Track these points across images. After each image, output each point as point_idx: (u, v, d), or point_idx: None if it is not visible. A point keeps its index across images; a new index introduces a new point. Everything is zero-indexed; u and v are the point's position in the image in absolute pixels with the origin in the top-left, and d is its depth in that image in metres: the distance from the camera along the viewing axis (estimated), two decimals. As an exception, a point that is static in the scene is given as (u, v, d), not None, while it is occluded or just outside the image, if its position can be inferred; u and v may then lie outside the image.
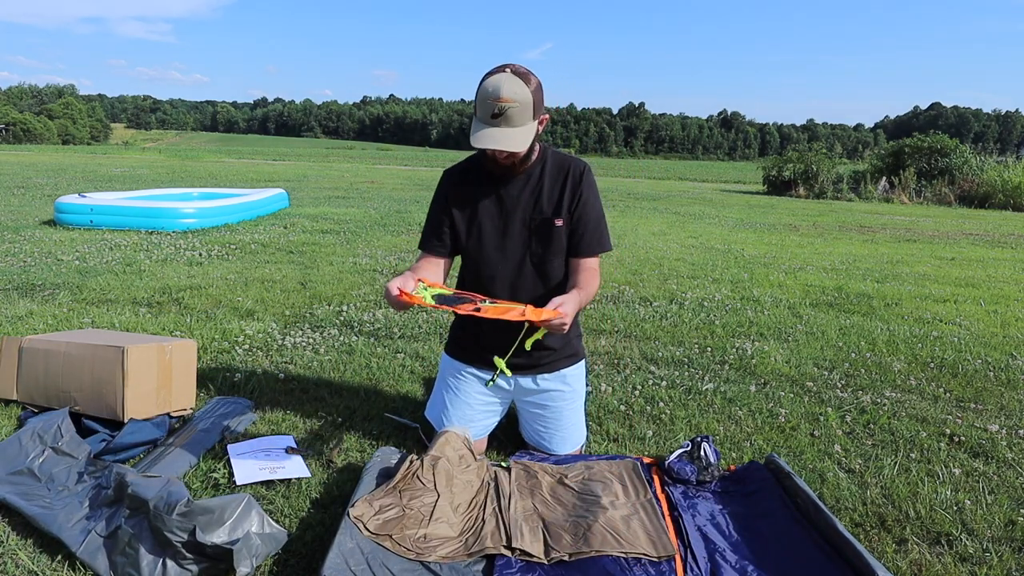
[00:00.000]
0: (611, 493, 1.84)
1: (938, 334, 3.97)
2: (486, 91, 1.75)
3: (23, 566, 1.55)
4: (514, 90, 1.74)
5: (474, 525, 1.68)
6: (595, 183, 2.01)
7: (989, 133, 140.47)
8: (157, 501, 1.54)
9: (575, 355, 2.19)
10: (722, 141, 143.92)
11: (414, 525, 1.62)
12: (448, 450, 1.87)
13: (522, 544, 1.57)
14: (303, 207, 9.83)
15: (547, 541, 1.62)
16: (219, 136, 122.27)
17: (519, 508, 1.74)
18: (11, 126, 62.10)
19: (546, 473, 1.95)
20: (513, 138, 1.77)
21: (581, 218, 1.98)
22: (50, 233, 6.46)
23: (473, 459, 1.92)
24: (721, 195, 17.52)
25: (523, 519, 1.70)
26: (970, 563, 1.71)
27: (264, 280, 4.73)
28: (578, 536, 1.64)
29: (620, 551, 1.57)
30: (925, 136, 19.52)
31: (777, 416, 2.63)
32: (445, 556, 1.55)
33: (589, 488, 1.87)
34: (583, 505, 1.78)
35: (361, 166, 28.93)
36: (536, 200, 1.97)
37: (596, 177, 2.04)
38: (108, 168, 18.88)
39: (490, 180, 1.98)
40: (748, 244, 7.78)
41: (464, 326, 2.17)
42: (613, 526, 1.67)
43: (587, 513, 1.73)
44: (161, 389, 2.31)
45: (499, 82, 1.74)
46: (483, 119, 1.78)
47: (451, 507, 1.70)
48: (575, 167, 1.98)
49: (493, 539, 1.61)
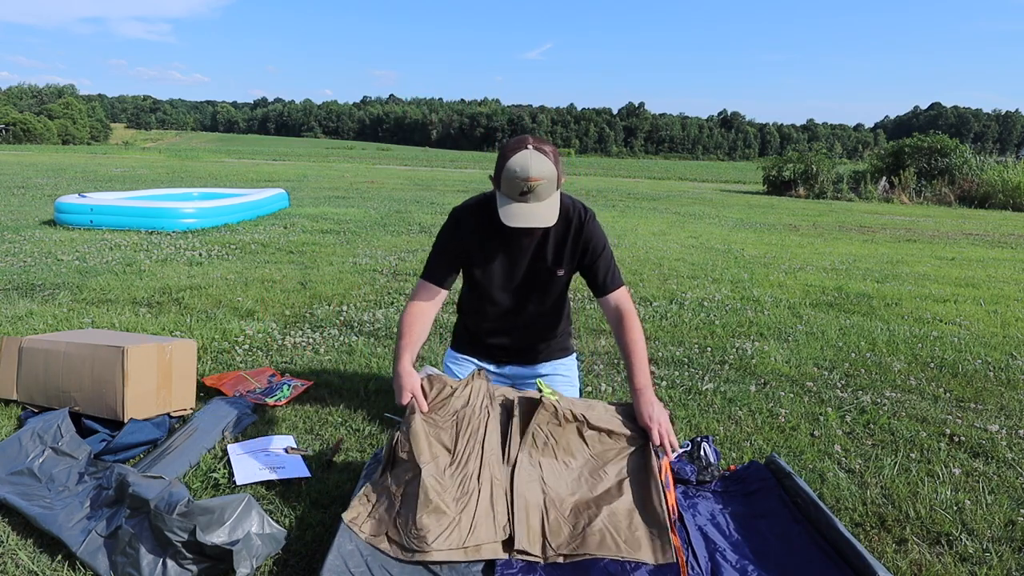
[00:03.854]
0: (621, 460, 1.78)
1: (938, 334, 3.97)
2: (513, 171, 1.78)
3: (23, 566, 1.55)
4: (541, 168, 1.78)
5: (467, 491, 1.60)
6: (598, 226, 2.08)
7: (989, 133, 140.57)
8: (158, 501, 1.54)
9: (566, 350, 2.35)
10: (722, 141, 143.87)
11: (407, 511, 1.57)
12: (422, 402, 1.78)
13: (522, 544, 1.56)
14: (303, 207, 9.83)
15: (545, 534, 1.60)
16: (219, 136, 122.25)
17: (524, 475, 1.69)
18: (11, 126, 62.09)
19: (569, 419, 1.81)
20: (544, 213, 1.84)
21: (595, 262, 2.06)
22: (50, 233, 6.46)
23: (452, 387, 1.82)
24: (721, 195, 17.52)
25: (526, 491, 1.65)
26: (970, 563, 1.71)
27: (264, 280, 4.73)
28: (577, 531, 1.61)
29: (618, 555, 1.56)
30: (925, 136, 19.54)
31: (777, 416, 2.63)
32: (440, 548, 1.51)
33: (604, 454, 1.80)
34: (592, 481, 1.74)
35: (361, 166, 28.93)
36: (540, 250, 2.07)
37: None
38: (108, 168, 18.89)
39: (501, 227, 2.00)
40: (748, 244, 7.78)
41: (467, 328, 2.33)
42: (615, 523, 1.63)
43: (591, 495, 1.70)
44: (161, 389, 2.31)
45: (526, 161, 1.77)
46: (511, 196, 1.82)
47: (436, 475, 1.62)
48: (577, 218, 2.04)
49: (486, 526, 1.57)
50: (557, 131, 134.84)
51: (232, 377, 2.71)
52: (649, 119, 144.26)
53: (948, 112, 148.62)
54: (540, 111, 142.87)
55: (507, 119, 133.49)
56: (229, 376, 2.72)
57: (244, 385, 2.63)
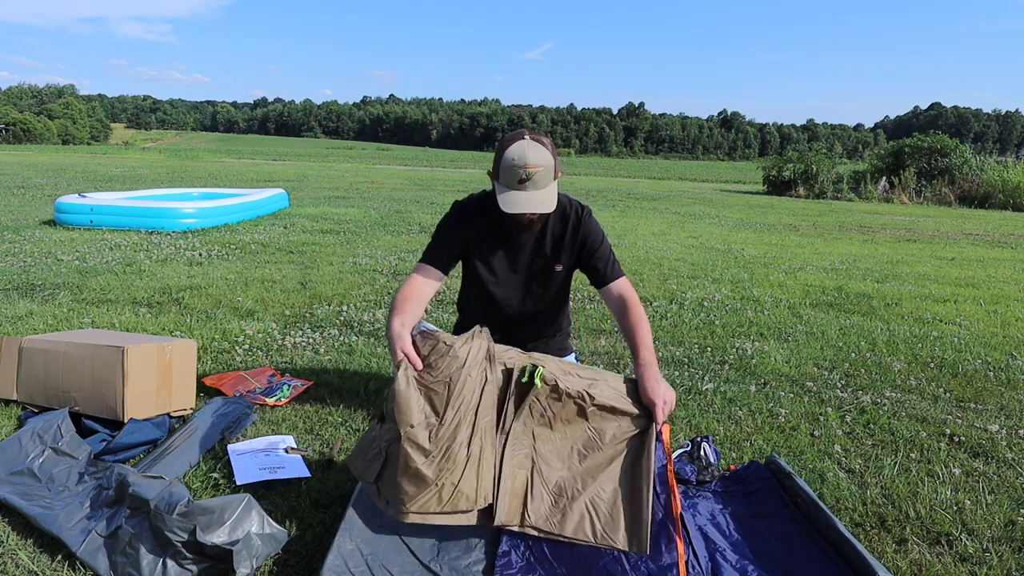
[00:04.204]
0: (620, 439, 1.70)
1: (938, 334, 3.97)
2: (511, 160, 1.81)
3: (23, 566, 1.55)
4: (538, 156, 1.82)
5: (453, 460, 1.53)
6: (595, 221, 2.11)
7: (989, 133, 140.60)
8: (158, 501, 1.54)
9: (565, 349, 2.36)
10: (722, 141, 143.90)
11: (391, 472, 1.56)
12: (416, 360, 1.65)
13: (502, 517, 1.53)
14: (303, 207, 9.83)
15: (526, 503, 1.57)
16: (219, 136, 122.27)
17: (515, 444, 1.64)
18: (11, 126, 62.09)
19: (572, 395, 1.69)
20: (542, 200, 1.87)
21: (594, 254, 2.08)
22: (50, 233, 6.46)
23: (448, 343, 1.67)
24: (721, 195, 17.52)
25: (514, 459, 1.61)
26: (970, 563, 1.71)
27: (264, 280, 4.73)
28: (557, 507, 1.59)
29: (591, 541, 1.54)
30: (925, 136, 19.55)
31: (777, 416, 2.63)
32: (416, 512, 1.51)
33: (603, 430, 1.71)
34: (584, 454, 1.69)
35: (361, 166, 28.93)
36: (539, 246, 2.09)
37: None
38: (108, 168, 18.89)
39: (500, 222, 2.02)
40: (748, 244, 7.78)
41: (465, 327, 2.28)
42: (597, 505, 1.59)
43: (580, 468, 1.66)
44: (161, 389, 2.31)
45: (523, 150, 1.81)
46: (509, 185, 1.85)
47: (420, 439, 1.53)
48: (575, 214, 2.08)
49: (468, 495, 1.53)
50: (557, 131, 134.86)
51: (232, 377, 2.71)
52: (649, 119, 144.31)
53: (948, 112, 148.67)
54: (540, 111, 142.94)
55: (507, 119, 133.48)
56: (229, 376, 2.72)
57: (244, 385, 2.63)
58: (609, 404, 1.71)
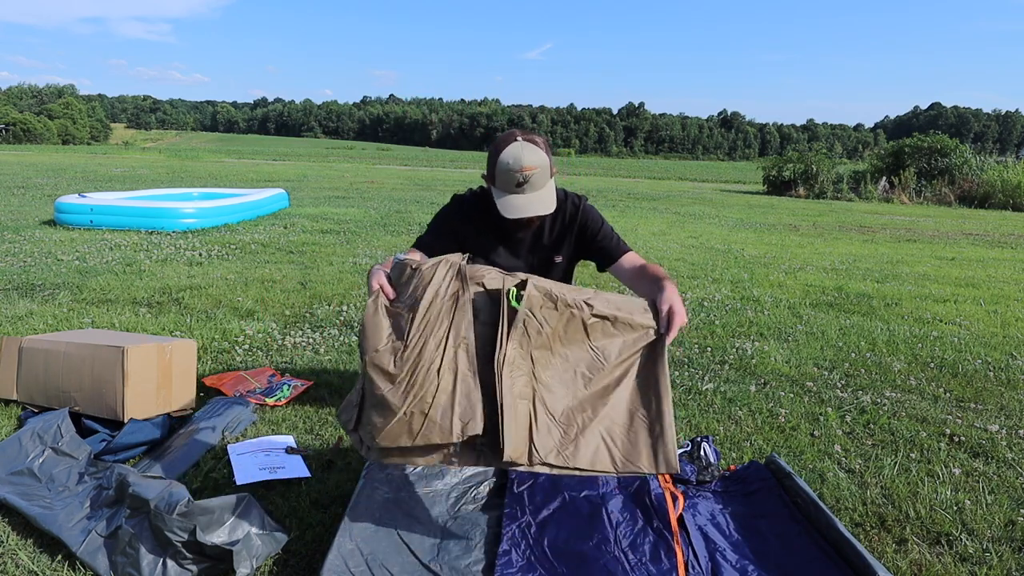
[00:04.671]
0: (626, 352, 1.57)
1: (938, 334, 3.97)
2: (507, 164, 1.79)
3: (23, 566, 1.55)
4: (533, 157, 1.80)
5: (419, 384, 1.43)
6: (592, 208, 2.08)
7: (989, 133, 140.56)
8: (158, 501, 1.54)
9: None
10: (722, 141, 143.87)
11: (365, 409, 1.50)
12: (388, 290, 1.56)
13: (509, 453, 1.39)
14: (303, 207, 9.83)
15: (532, 437, 1.44)
16: (219, 136, 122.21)
17: (512, 370, 1.48)
18: (11, 126, 62.08)
19: (568, 303, 1.55)
20: (542, 201, 1.85)
21: (596, 238, 2.05)
22: (50, 233, 6.46)
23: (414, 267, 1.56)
24: (721, 195, 17.52)
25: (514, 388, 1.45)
26: (970, 563, 1.71)
27: (264, 280, 4.73)
28: (568, 437, 1.47)
29: (612, 469, 1.46)
30: (925, 136, 19.56)
31: (777, 416, 2.63)
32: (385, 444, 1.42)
33: (607, 345, 1.57)
34: (589, 376, 1.54)
35: (361, 166, 28.93)
36: (538, 240, 2.08)
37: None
38: (108, 168, 18.89)
39: (496, 222, 2.01)
40: (748, 244, 7.78)
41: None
42: (611, 430, 1.48)
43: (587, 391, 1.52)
44: (161, 389, 2.31)
45: (518, 152, 1.79)
46: (507, 189, 1.83)
47: (383, 364, 1.45)
48: (571, 205, 2.06)
49: (443, 426, 1.41)
50: (557, 131, 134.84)
51: (232, 377, 2.71)
52: (649, 119, 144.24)
53: (948, 112, 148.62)
54: (540, 111, 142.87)
55: (507, 119, 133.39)
56: (229, 376, 2.72)
57: (244, 385, 2.63)
58: (610, 314, 1.56)
